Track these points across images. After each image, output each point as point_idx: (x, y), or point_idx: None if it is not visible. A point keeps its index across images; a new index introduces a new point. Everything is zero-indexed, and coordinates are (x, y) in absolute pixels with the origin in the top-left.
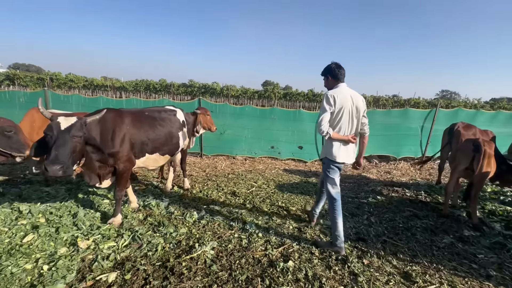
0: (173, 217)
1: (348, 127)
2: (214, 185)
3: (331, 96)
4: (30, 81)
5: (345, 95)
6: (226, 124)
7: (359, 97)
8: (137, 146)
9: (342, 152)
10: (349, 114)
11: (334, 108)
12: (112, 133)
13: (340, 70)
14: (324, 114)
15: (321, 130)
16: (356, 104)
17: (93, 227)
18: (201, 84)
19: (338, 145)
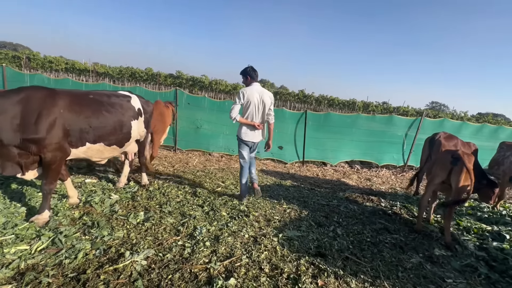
0: (114, 217)
1: (255, 116)
2: (177, 182)
3: (241, 92)
4: (4, 58)
5: (254, 92)
6: (203, 118)
7: (267, 94)
8: (74, 134)
9: (249, 133)
10: (255, 106)
11: (243, 101)
12: (37, 115)
13: (255, 72)
14: (234, 105)
15: (231, 116)
16: (263, 99)
17: (7, 225)
18: (189, 76)
19: (245, 128)
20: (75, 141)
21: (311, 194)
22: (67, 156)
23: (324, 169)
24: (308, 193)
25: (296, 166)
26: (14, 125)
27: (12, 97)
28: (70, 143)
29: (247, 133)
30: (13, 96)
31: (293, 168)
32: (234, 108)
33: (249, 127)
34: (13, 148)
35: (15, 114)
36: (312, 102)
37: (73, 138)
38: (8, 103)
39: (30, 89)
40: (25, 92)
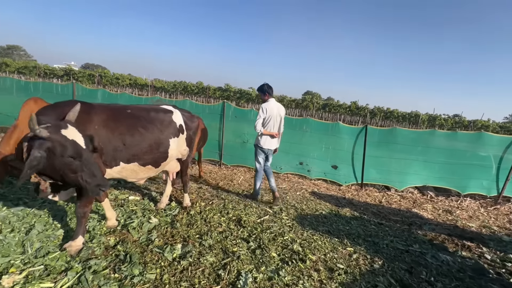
0: (149, 248)
1: (274, 127)
2: (221, 205)
3: (263, 108)
4: (83, 76)
5: (273, 107)
6: (250, 132)
7: (282, 108)
8: (108, 153)
9: (267, 142)
10: (274, 119)
11: (265, 115)
12: None
13: (271, 89)
14: (259, 119)
15: (256, 129)
16: (279, 112)
17: (40, 252)
18: (237, 89)
19: (265, 137)
20: (109, 160)
21: (380, 231)
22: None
23: (388, 194)
24: (375, 229)
25: (353, 189)
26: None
27: (49, 114)
28: (104, 163)
29: (266, 141)
30: (50, 113)
31: (349, 192)
32: (259, 121)
33: (268, 136)
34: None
35: None
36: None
37: (107, 157)
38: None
39: (66, 104)
40: (61, 108)
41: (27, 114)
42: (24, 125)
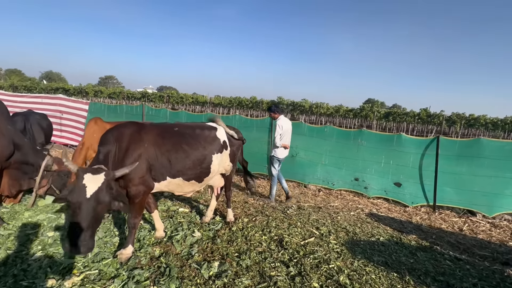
0: (189, 263)
1: (287, 140)
2: (264, 222)
3: (279, 125)
4: (155, 97)
5: (285, 123)
6: (300, 146)
7: (290, 123)
8: (156, 168)
9: (283, 152)
10: (287, 133)
11: (282, 131)
12: (125, 151)
13: (279, 108)
14: (277, 136)
15: (277, 144)
16: (289, 127)
17: (98, 257)
18: (290, 101)
19: (281, 149)
20: (157, 175)
21: (458, 269)
22: (151, 191)
23: (472, 221)
24: (451, 266)
25: (423, 212)
26: (110, 161)
27: (109, 137)
28: (153, 177)
29: (282, 152)
30: (109, 136)
31: (417, 215)
32: (277, 137)
33: (283, 148)
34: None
35: (110, 150)
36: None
37: (155, 172)
38: (107, 141)
39: (122, 126)
40: (118, 130)
41: (91, 133)
42: (89, 143)
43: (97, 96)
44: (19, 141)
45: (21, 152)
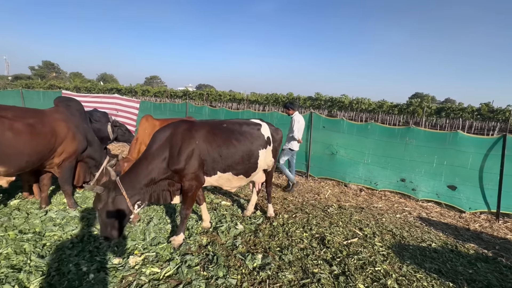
0: (234, 253)
1: (300, 135)
2: (304, 219)
3: (295, 120)
4: (195, 95)
5: (300, 118)
6: (340, 143)
7: (303, 118)
8: (208, 163)
9: (296, 145)
10: (302, 127)
11: (299, 125)
12: (179, 148)
13: (293, 104)
14: (296, 130)
15: (296, 137)
16: (304, 123)
17: (155, 241)
18: (328, 97)
19: (295, 142)
20: (208, 170)
21: None
22: (202, 185)
23: None
24: None
25: (483, 219)
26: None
27: (162, 135)
28: (205, 172)
29: (295, 145)
30: (162, 134)
31: (476, 222)
32: (296, 130)
33: (296, 141)
34: (165, 180)
35: (163, 147)
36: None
37: (207, 167)
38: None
39: (174, 125)
40: (171, 128)
41: (143, 129)
42: (141, 138)
43: (144, 95)
44: (91, 138)
45: (92, 148)
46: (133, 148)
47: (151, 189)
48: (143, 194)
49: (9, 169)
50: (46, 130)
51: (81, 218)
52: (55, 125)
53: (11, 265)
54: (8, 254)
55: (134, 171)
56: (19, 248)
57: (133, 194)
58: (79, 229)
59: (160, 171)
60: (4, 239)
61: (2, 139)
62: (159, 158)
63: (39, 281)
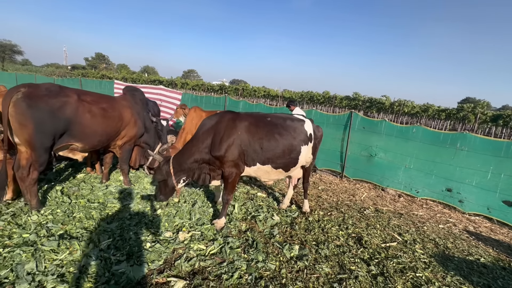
0: (271, 241)
1: None
2: (340, 218)
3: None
4: (230, 90)
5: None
6: (380, 146)
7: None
8: (248, 153)
9: None
10: None
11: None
12: (221, 136)
13: (294, 102)
14: None
15: None
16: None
17: (199, 222)
18: (367, 98)
19: None
20: (248, 161)
21: None
22: (241, 173)
23: None
24: None
25: None
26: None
27: (208, 123)
28: (245, 162)
29: None
30: (209, 122)
31: None
32: None
33: None
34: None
35: (208, 134)
36: None
37: (247, 157)
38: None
39: (220, 114)
40: (217, 117)
41: (190, 119)
42: (188, 128)
43: (183, 87)
44: (148, 125)
45: (148, 134)
46: (180, 137)
47: (194, 169)
48: (187, 172)
49: (85, 146)
50: (115, 115)
51: (135, 194)
52: (122, 111)
53: (84, 227)
54: (81, 218)
55: (182, 152)
56: (88, 214)
57: (178, 171)
58: (134, 203)
59: (202, 155)
60: (77, 205)
61: (82, 120)
62: (203, 143)
63: (108, 242)
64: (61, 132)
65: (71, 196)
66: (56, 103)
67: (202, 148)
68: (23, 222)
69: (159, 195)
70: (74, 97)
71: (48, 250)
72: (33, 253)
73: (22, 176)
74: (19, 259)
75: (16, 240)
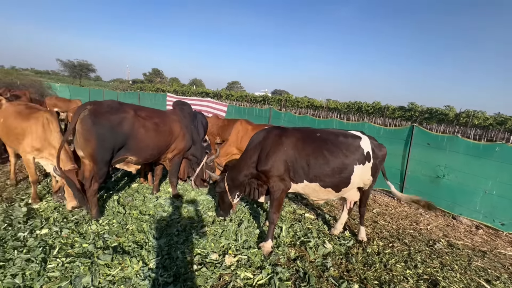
0: (325, 276)
1: None
2: (405, 252)
3: None
4: (273, 101)
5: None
6: (450, 165)
7: None
8: (295, 170)
9: None
10: None
11: None
12: (267, 152)
13: None
14: None
15: None
16: None
17: (246, 244)
18: (425, 108)
19: None
20: (295, 177)
21: None
22: (288, 190)
23: None
24: None
25: None
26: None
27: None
28: (291, 178)
29: None
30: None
31: None
32: None
33: None
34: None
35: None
36: None
37: (293, 174)
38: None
39: (267, 130)
40: (264, 133)
41: (236, 132)
42: (232, 140)
43: (228, 98)
44: (195, 137)
45: (195, 146)
46: (223, 149)
47: (244, 184)
48: (239, 188)
49: (139, 159)
50: (166, 129)
51: (183, 207)
52: (172, 125)
53: (135, 241)
54: (133, 231)
55: (234, 168)
56: (140, 226)
57: (232, 187)
58: (182, 218)
59: (250, 170)
60: (130, 217)
61: (138, 134)
62: (251, 158)
63: (156, 260)
64: (119, 146)
65: (125, 206)
66: (116, 119)
67: (250, 163)
68: (84, 231)
69: (219, 211)
70: (131, 113)
71: (102, 264)
72: (90, 267)
73: (85, 187)
74: (78, 271)
75: (77, 249)
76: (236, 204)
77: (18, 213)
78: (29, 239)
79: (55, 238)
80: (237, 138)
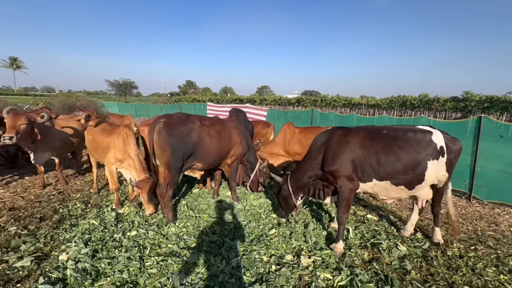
0: (408, 279)
1: None
2: (492, 255)
3: None
4: (308, 102)
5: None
6: None
7: None
8: (363, 169)
9: None
10: None
11: None
12: (333, 152)
13: None
14: None
15: None
16: None
17: (317, 246)
18: (484, 97)
19: None
20: (364, 176)
21: None
22: (356, 189)
23: None
24: None
25: None
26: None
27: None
28: (359, 178)
29: None
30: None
31: None
32: None
33: None
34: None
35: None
36: None
37: (361, 173)
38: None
39: (330, 131)
40: (327, 133)
41: (284, 134)
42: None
43: (261, 103)
44: (250, 144)
45: (250, 152)
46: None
47: (309, 186)
48: (303, 189)
49: (203, 166)
50: (226, 136)
51: (246, 210)
52: (231, 132)
53: (211, 241)
54: (207, 233)
55: (297, 170)
56: (212, 228)
57: (296, 188)
58: (248, 221)
59: (315, 171)
60: (201, 220)
61: (204, 142)
62: (315, 160)
63: (236, 260)
64: (189, 154)
65: (194, 210)
66: (186, 129)
67: (315, 164)
68: (165, 233)
69: (280, 212)
70: (198, 123)
71: (191, 262)
72: (182, 265)
73: (161, 193)
74: (172, 269)
75: (164, 249)
76: (300, 205)
77: (109, 217)
78: (123, 240)
79: (144, 239)
80: (284, 141)
